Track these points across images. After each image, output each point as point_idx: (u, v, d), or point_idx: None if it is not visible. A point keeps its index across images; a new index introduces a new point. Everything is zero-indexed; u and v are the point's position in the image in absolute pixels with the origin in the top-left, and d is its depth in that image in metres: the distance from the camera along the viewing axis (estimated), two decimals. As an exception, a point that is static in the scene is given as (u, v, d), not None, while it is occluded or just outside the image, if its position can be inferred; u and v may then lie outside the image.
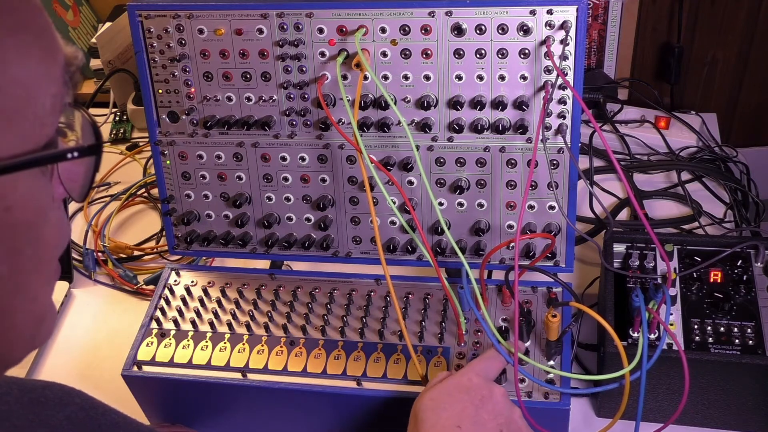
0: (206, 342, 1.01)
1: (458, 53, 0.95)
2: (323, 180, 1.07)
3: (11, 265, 0.48)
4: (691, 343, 0.95)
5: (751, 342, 0.94)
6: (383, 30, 0.96)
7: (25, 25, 0.47)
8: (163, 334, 1.03)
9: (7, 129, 0.45)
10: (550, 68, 0.94)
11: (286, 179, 1.08)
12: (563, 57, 0.94)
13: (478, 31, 0.94)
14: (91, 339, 1.23)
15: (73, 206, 1.48)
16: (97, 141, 0.52)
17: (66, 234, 0.54)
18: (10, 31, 0.46)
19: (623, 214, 1.35)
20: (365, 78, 0.98)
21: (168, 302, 1.06)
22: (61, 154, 0.49)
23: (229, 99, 1.04)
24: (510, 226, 1.05)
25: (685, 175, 1.39)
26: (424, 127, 1.00)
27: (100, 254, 1.35)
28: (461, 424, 0.78)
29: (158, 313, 1.05)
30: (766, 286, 1.00)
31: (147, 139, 1.53)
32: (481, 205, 1.04)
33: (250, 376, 0.97)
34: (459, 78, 0.97)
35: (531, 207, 1.02)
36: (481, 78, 0.97)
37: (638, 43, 1.58)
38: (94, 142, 0.52)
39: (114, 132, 1.67)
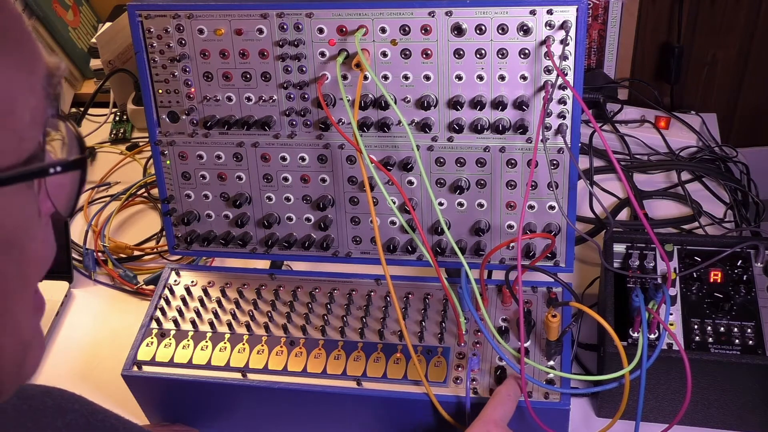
0: (206, 342, 1.01)
1: (458, 53, 0.95)
2: (323, 180, 1.07)
3: None
4: (691, 343, 0.95)
5: (751, 342, 0.94)
6: (383, 30, 0.96)
7: (1, 35, 0.45)
8: (163, 334, 1.03)
9: None
10: (550, 68, 0.94)
11: (286, 179, 1.07)
12: (563, 57, 0.94)
13: (478, 31, 0.94)
14: (91, 339, 1.23)
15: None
16: (82, 154, 0.50)
17: (52, 252, 0.51)
18: None
19: (623, 214, 1.35)
20: (365, 78, 0.98)
21: (168, 302, 1.06)
22: (43, 169, 0.46)
23: (229, 99, 1.04)
24: (510, 226, 1.05)
25: (685, 175, 1.39)
26: (424, 127, 1.00)
27: (100, 254, 1.35)
28: None
29: (158, 313, 1.05)
30: (766, 286, 1.00)
31: (147, 139, 1.53)
32: (481, 205, 1.04)
33: (250, 376, 0.97)
34: (459, 78, 0.97)
35: (531, 207, 1.02)
36: (481, 78, 0.97)
37: (638, 43, 1.58)
38: (78, 155, 0.49)
39: (114, 132, 1.66)
